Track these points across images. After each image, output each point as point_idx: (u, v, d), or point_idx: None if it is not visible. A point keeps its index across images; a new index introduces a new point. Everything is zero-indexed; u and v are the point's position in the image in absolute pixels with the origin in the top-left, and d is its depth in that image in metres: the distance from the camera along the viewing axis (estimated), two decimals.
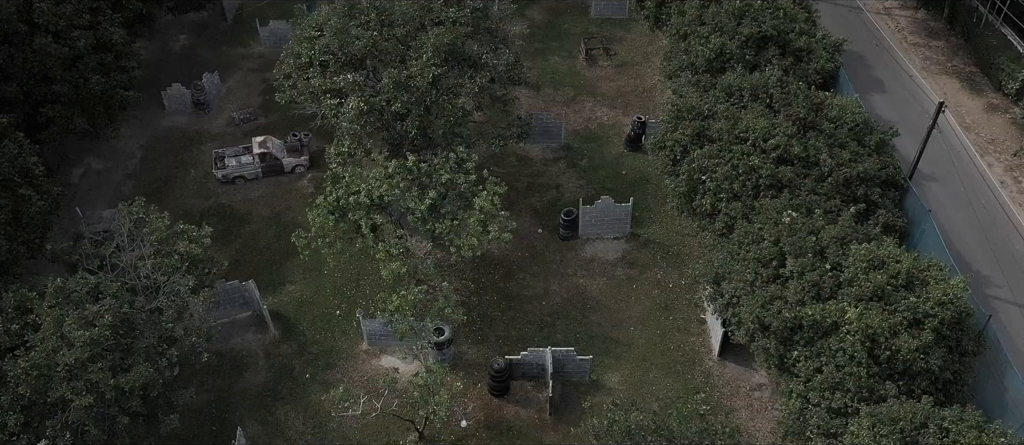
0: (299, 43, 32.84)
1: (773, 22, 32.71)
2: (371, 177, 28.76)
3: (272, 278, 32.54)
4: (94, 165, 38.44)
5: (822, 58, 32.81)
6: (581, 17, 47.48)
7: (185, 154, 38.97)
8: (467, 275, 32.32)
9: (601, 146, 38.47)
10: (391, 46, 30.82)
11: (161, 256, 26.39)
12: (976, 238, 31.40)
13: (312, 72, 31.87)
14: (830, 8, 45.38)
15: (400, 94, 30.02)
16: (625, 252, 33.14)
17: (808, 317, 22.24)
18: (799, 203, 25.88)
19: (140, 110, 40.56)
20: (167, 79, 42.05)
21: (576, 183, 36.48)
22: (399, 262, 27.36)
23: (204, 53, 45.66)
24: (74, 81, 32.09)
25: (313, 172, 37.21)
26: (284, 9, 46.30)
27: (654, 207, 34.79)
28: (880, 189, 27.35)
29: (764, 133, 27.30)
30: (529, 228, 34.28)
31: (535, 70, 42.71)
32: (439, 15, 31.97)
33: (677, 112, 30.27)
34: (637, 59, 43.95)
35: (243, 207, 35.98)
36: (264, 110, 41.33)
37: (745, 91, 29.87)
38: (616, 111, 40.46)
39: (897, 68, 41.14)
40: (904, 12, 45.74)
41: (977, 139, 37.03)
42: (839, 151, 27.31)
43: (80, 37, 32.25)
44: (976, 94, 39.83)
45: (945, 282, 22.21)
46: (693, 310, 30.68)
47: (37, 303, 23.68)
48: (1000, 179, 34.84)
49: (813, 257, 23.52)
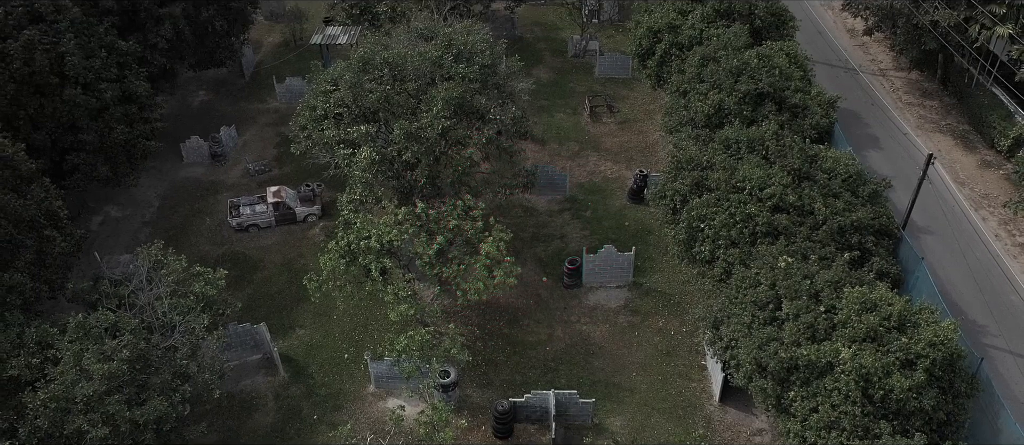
0: (315, 96, 34.36)
1: (769, 80, 34.05)
2: (381, 223, 29.80)
3: (282, 322, 33.36)
4: (113, 213, 39.71)
5: (817, 114, 34.05)
6: (586, 76, 49.19)
7: (201, 203, 40.24)
8: (473, 321, 33.06)
9: (605, 198, 39.58)
10: (403, 99, 32.25)
11: (177, 296, 27.33)
12: (970, 288, 32.09)
13: (327, 124, 33.26)
14: (826, 69, 46.98)
15: (410, 144, 31.28)
16: (627, 300, 33.89)
17: (803, 358, 22.88)
18: (795, 249, 26.75)
19: (159, 161, 42.04)
20: (186, 132, 43.65)
21: (580, 233, 37.46)
22: (407, 304, 28.18)
23: (222, 108, 47.40)
24: (99, 130, 33.59)
25: (325, 221, 38.35)
26: (300, 67, 48.22)
27: (656, 257, 35.67)
28: (874, 238, 28.21)
29: (760, 183, 28.36)
30: (534, 276, 35.12)
31: (541, 126, 44.18)
32: (449, 71, 33.48)
33: (677, 163, 31.43)
34: (639, 116, 45.41)
35: (256, 254, 37.02)
36: (278, 162, 42.75)
37: (742, 144, 31.04)
38: (619, 165, 41.70)
39: (892, 126, 42.42)
40: (898, 73, 47.27)
41: (971, 193, 38.00)
42: (833, 201, 28.29)
43: (107, 89, 33.87)
44: (970, 151, 40.97)
45: (936, 324, 22.88)
46: (694, 356, 31.27)
47: (58, 339, 24.55)
48: (995, 232, 35.67)
49: (808, 300, 24.28)
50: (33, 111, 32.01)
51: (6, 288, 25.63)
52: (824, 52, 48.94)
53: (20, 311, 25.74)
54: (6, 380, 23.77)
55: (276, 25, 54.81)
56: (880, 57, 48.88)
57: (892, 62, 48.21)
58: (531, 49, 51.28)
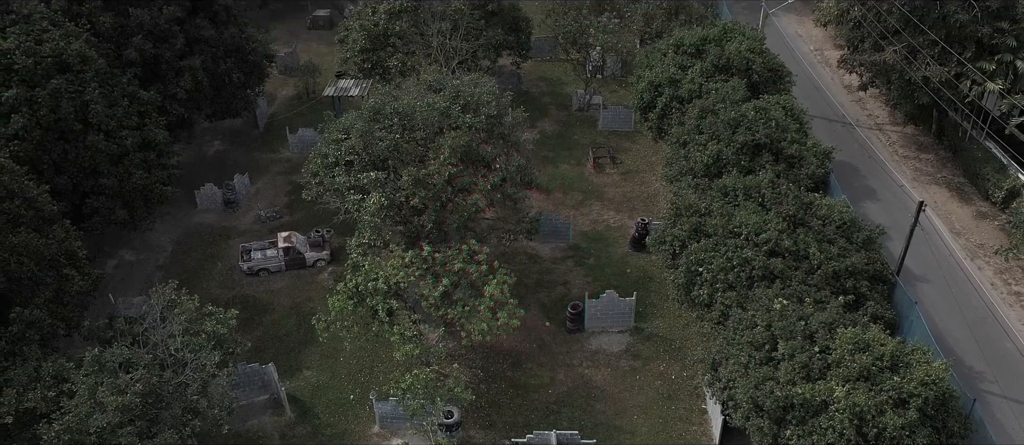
0: (327, 144, 35.65)
1: (766, 131, 35.17)
2: (389, 266, 30.71)
3: (290, 363, 34.03)
4: (127, 257, 40.77)
5: (813, 164, 35.04)
6: (589, 129, 50.57)
7: (213, 248, 41.29)
8: (477, 364, 33.67)
9: (607, 246, 40.46)
10: (411, 147, 33.49)
11: (189, 334, 28.15)
12: (966, 335, 32.60)
13: (338, 171, 34.47)
14: (824, 124, 48.22)
15: (418, 190, 32.39)
16: (629, 345, 34.48)
17: (799, 396, 23.42)
18: (790, 293, 27.48)
19: (173, 208, 43.27)
20: (200, 180, 44.98)
21: (583, 280, 38.24)
22: (412, 345, 28.90)
23: (236, 157, 48.84)
24: (119, 176, 34.88)
25: (333, 266, 39.28)
26: (312, 118, 49.75)
27: (657, 303, 36.36)
28: (868, 283, 28.91)
29: (756, 228, 29.25)
30: (537, 321, 35.81)
31: (546, 176, 45.31)
32: (456, 120, 34.78)
33: (676, 210, 32.40)
34: (642, 167, 46.59)
35: (265, 297, 37.88)
36: (289, 209, 43.93)
37: (739, 191, 32.03)
38: (622, 214, 42.69)
39: (888, 179, 43.41)
40: (894, 128, 48.48)
41: (967, 244, 38.74)
42: (828, 246, 29.10)
43: (128, 136, 35.27)
44: (965, 202, 41.83)
45: (928, 364, 23.46)
46: (694, 400, 31.72)
47: (73, 373, 25.33)
48: (990, 281, 36.29)
49: (803, 340, 24.93)
50: (57, 156, 33.34)
51: (25, 323, 26.51)
52: (822, 108, 50.26)
53: (38, 346, 26.58)
54: (23, 412, 24.50)
55: (290, 78, 56.67)
56: (876, 112, 50.16)
57: (888, 117, 49.46)
58: (537, 103, 52.82)
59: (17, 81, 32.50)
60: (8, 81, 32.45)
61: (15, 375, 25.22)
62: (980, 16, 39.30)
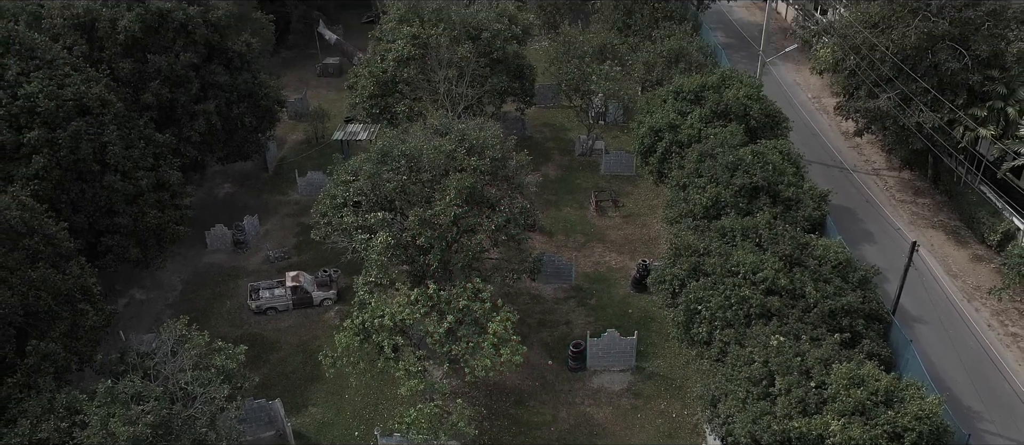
0: (336, 186, 36.69)
1: (763, 174, 36.10)
2: (395, 303, 31.42)
3: (296, 400, 34.53)
4: (138, 295, 41.57)
5: (809, 206, 35.89)
6: (592, 173, 51.63)
7: (222, 287, 42.09)
8: (480, 401, 34.13)
9: (609, 287, 41.14)
10: (418, 188, 34.47)
11: (199, 369, 28.77)
12: (963, 375, 33.04)
13: (346, 211, 35.42)
14: (822, 169, 49.24)
15: (424, 230, 33.26)
16: (630, 384, 34.95)
17: (795, 430, 23.90)
18: (787, 330, 28.09)
19: (184, 248, 44.19)
20: (211, 221, 45.99)
21: (585, 320, 38.85)
22: (417, 379, 29.45)
23: (246, 199, 49.94)
24: (134, 215, 35.89)
25: (339, 305, 39.99)
26: (321, 162, 50.97)
27: (658, 343, 36.90)
28: (864, 321, 29.53)
29: (753, 267, 29.99)
30: (540, 360, 36.36)
31: (549, 219, 46.26)
32: (462, 163, 35.81)
33: (676, 250, 33.18)
34: (643, 211, 47.49)
35: (273, 336, 38.53)
36: (297, 249, 44.82)
37: (737, 232, 32.84)
38: (623, 256, 43.46)
39: (885, 222, 44.21)
40: (891, 173, 49.44)
41: (964, 286, 39.34)
42: (824, 285, 29.79)
43: (143, 177, 36.38)
44: (962, 245, 42.54)
45: (921, 399, 23.96)
46: (695, 438, 32.06)
47: (86, 405, 25.92)
48: (987, 322, 36.82)
49: (799, 376, 25.48)
50: (75, 195, 34.41)
51: (41, 356, 27.22)
52: (820, 153, 51.35)
53: (52, 378, 27.22)
54: (36, 443, 25.02)
55: (299, 123, 58.11)
56: (873, 157, 51.18)
57: (885, 162, 50.46)
58: (540, 148, 54.01)
59: (39, 123, 33.73)
60: (31, 123, 33.69)
61: (29, 406, 25.82)
62: (970, 64, 40.51)
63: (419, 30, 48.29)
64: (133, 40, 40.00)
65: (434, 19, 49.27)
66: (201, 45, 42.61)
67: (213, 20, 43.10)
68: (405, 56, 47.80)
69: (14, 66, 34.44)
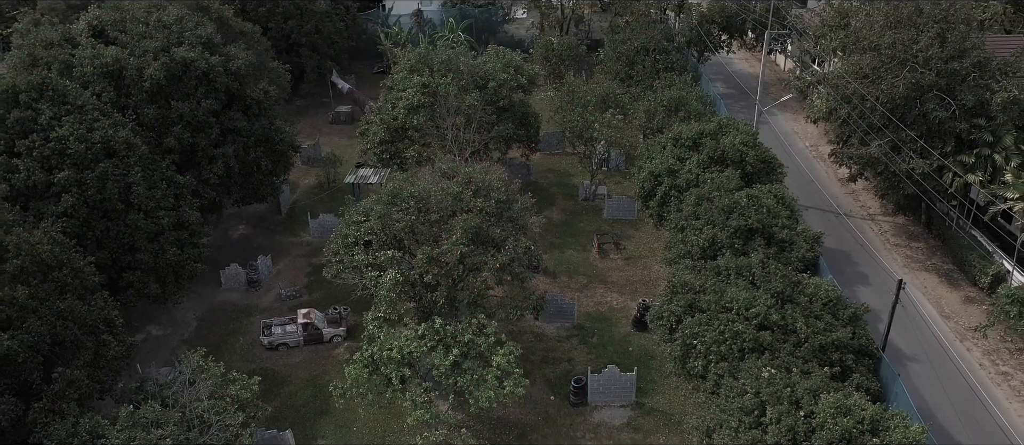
0: (347, 226, 38.33)
1: (758, 217, 37.61)
2: (403, 337, 32.76)
3: (305, 433, 35.62)
4: (154, 331, 42.99)
5: (803, 248, 37.32)
6: (595, 217, 53.19)
7: (235, 324, 43.49)
8: (484, 435, 35.14)
9: (610, 326, 42.35)
10: (426, 228, 36.05)
11: (215, 398, 30.07)
12: (953, 414, 33.99)
13: (357, 250, 36.98)
14: (818, 214, 50.70)
15: (432, 268, 34.73)
16: (630, 418, 35.95)
17: None
18: (778, 364, 29.26)
19: (199, 286, 45.70)
20: (226, 260, 47.59)
21: (586, 357, 39.99)
22: (423, 410, 30.63)
23: (259, 240, 51.62)
24: (154, 252, 37.55)
25: (349, 342, 41.28)
26: (332, 205, 52.71)
27: (657, 379, 37.96)
28: (854, 356, 30.68)
29: (746, 303, 31.29)
30: (542, 395, 37.44)
31: (552, 261, 47.68)
32: (468, 204, 37.44)
33: (673, 288, 34.53)
34: (644, 253, 48.90)
35: (284, 371, 39.79)
36: (309, 288, 46.29)
37: (731, 271, 34.21)
38: (625, 296, 44.74)
39: (878, 266, 45.47)
40: (885, 218, 50.85)
41: (956, 326, 40.43)
42: (814, 321, 31.03)
43: (164, 216, 38.13)
44: (954, 288, 43.71)
45: (906, 428, 25.02)
46: None
47: (108, 429, 27.20)
48: (979, 362, 37.82)
49: (789, 405, 26.58)
50: (100, 232, 36.15)
51: (66, 382, 28.61)
52: (816, 199, 52.86)
53: (76, 404, 28.55)
54: None
55: (312, 169, 60.10)
56: (868, 203, 52.65)
57: (880, 207, 51.89)
58: (545, 193, 55.72)
59: (69, 164, 35.65)
60: (61, 164, 35.62)
61: (54, 430, 27.12)
62: (957, 113, 42.24)
63: (429, 79, 50.45)
64: (158, 87, 42.19)
65: (443, 69, 51.47)
66: (221, 92, 44.80)
67: (233, 69, 45.35)
68: (415, 104, 49.84)
69: (47, 111, 36.50)
